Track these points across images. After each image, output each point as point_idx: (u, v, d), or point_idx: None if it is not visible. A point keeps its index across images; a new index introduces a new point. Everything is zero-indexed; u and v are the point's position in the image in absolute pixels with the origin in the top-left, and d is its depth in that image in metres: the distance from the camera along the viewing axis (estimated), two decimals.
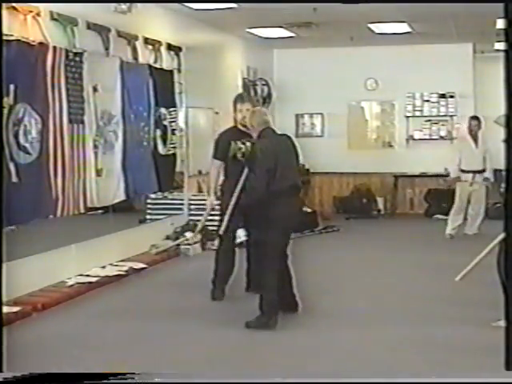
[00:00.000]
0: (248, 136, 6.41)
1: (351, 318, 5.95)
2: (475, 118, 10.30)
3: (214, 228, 7.51)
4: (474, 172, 9.96)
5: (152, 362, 4.83)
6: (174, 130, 8.94)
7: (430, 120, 13.00)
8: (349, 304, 6.38)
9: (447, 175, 10.73)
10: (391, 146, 13.22)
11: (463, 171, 10.00)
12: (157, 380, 3.42)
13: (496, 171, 12.95)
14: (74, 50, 6.81)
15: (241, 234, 7.21)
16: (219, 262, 6.55)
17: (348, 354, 5.03)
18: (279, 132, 6.15)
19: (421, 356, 4.90)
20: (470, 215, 10.14)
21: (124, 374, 3.29)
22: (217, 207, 6.70)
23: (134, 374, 3.32)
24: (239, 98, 6.65)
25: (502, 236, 5.00)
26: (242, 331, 5.61)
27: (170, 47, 9.02)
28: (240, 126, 6.50)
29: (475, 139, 10.08)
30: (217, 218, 6.82)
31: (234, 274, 6.67)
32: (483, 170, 10.00)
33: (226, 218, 6.25)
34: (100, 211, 7.70)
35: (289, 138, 6.09)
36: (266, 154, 5.71)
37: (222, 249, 6.60)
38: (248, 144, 6.23)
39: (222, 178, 6.66)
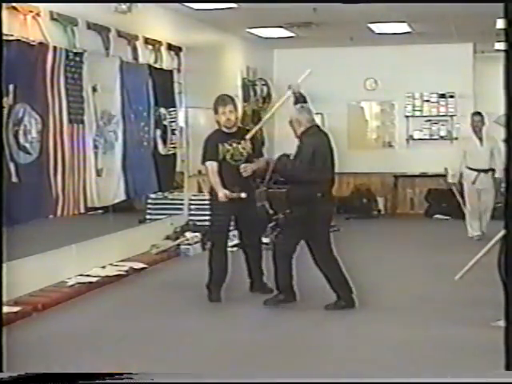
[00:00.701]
0: (233, 137, 6.43)
1: (349, 317, 5.95)
2: (478, 113, 9.97)
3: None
4: (479, 171, 9.76)
5: (152, 362, 4.83)
6: (173, 130, 8.94)
7: (430, 120, 13.01)
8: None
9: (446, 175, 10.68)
10: (391, 146, 13.22)
11: (469, 169, 9.80)
12: (156, 380, 3.42)
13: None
14: (74, 50, 6.81)
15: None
16: (213, 267, 6.51)
17: (347, 354, 5.04)
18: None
19: (421, 356, 4.90)
20: None
21: (123, 373, 3.29)
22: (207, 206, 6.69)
23: (133, 374, 3.32)
24: (221, 101, 6.53)
25: (500, 235, 5.00)
26: (242, 331, 5.63)
27: (170, 47, 9.02)
28: (224, 128, 6.49)
29: (479, 136, 9.78)
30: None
31: (232, 275, 6.66)
32: (490, 169, 9.70)
33: None
34: (100, 211, 7.70)
35: (326, 135, 6.34)
36: (317, 155, 5.96)
37: (214, 252, 6.54)
38: (235, 145, 6.33)
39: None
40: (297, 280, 6.35)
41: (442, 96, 12.85)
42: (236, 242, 7.66)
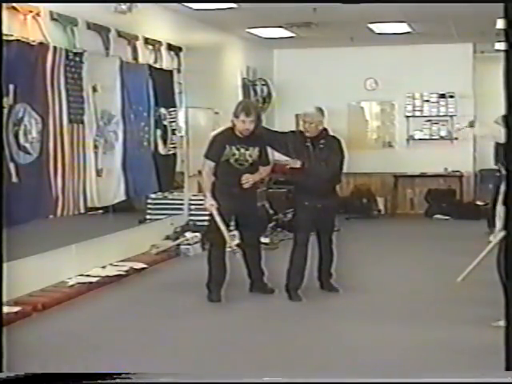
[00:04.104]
0: (243, 142, 6.42)
1: (349, 317, 5.95)
2: None
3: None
4: None
5: (152, 362, 4.83)
6: (174, 130, 8.94)
7: (430, 120, 13.00)
8: (348, 303, 6.38)
9: (447, 175, 10.67)
10: (391, 145, 13.22)
11: None
12: (156, 380, 3.41)
13: (482, 171, 12.96)
14: (74, 50, 6.81)
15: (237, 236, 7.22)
16: (212, 267, 6.49)
17: (347, 353, 5.04)
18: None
19: (421, 356, 4.90)
20: None
21: (124, 373, 3.28)
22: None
23: (134, 373, 3.32)
24: (244, 109, 6.38)
25: (501, 235, 5.00)
26: (242, 331, 5.63)
27: (170, 47, 9.02)
28: (237, 131, 6.44)
29: None
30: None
31: (232, 275, 6.66)
32: None
33: None
34: (100, 211, 7.70)
35: None
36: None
37: (212, 252, 6.52)
38: (242, 150, 6.35)
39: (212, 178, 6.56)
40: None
41: (442, 96, 12.84)
42: (236, 242, 7.66)
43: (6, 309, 5.08)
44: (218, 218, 6.36)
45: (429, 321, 5.80)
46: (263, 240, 7.44)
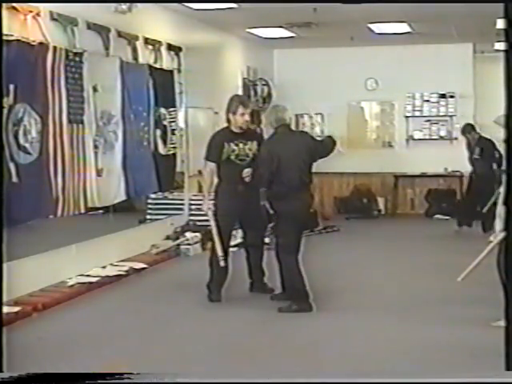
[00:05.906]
0: (241, 137, 6.42)
1: (350, 317, 5.95)
2: None
3: None
4: None
5: (152, 362, 4.83)
6: (173, 130, 8.95)
7: (429, 120, 13.00)
8: (348, 304, 6.38)
9: (447, 175, 10.68)
10: (391, 146, 13.22)
11: None
12: (157, 380, 3.42)
13: None
14: (74, 50, 6.81)
15: (238, 235, 7.23)
16: (213, 267, 6.48)
17: (348, 354, 5.04)
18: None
19: (421, 356, 4.90)
20: None
21: (124, 373, 3.28)
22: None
23: (134, 373, 3.32)
24: (242, 102, 6.46)
25: (501, 235, 5.00)
26: (242, 331, 5.63)
27: (170, 47, 9.03)
28: (233, 128, 6.46)
29: None
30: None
31: (232, 275, 6.66)
32: None
33: None
34: (100, 211, 7.70)
35: (306, 134, 6.65)
36: (269, 154, 6.00)
37: (215, 253, 6.50)
38: (241, 146, 6.35)
39: (215, 180, 6.58)
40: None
41: (442, 96, 12.83)
42: (237, 241, 7.66)
43: (5, 309, 5.07)
44: (212, 220, 6.38)
45: (429, 321, 5.80)
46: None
